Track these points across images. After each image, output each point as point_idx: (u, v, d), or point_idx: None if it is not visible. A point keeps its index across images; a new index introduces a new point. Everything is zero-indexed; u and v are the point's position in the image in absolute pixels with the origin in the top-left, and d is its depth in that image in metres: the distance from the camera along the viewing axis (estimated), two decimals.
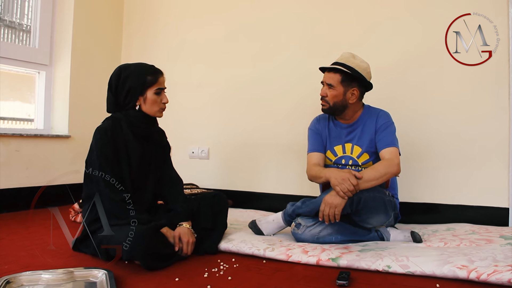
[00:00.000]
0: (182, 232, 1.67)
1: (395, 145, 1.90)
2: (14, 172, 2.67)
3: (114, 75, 1.74)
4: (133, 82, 1.69)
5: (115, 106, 1.74)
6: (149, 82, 1.71)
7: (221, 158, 3.06)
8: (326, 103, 1.98)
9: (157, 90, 1.73)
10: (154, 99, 1.72)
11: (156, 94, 1.72)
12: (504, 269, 1.34)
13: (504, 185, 2.25)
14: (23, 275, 1.32)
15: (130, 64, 1.77)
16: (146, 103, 1.72)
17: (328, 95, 1.95)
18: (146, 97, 1.72)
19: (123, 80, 1.70)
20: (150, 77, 1.71)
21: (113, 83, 1.73)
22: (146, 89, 1.71)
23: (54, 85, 3.09)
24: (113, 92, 1.73)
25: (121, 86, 1.70)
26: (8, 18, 2.87)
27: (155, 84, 1.72)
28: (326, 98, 1.96)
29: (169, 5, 3.31)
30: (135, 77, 1.70)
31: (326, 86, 1.96)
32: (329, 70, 1.97)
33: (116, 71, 1.74)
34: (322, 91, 1.98)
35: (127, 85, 1.69)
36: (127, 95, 1.70)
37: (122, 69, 1.74)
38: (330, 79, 1.95)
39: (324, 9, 2.74)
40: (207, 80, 3.11)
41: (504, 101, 2.26)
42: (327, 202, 1.71)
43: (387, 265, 1.49)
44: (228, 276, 1.44)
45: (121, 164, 1.68)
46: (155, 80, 1.72)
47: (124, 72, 1.72)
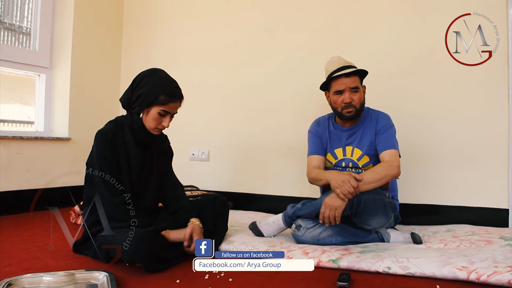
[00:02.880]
0: (195, 230, 1.68)
1: (395, 147, 1.90)
2: (14, 174, 2.67)
3: (142, 74, 1.72)
4: (146, 92, 1.67)
5: (127, 101, 1.73)
6: (160, 101, 1.67)
7: (221, 160, 3.07)
8: (353, 108, 1.93)
9: (162, 112, 1.69)
10: (156, 118, 1.69)
11: (159, 114, 1.69)
12: (504, 270, 1.35)
13: (504, 186, 2.25)
14: (24, 278, 1.32)
15: (161, 73, 1.73)
16: (147, 117, 1.70)
17: (354, 99, 1.92)
18: (149, 112, 1.69)
19: (143, 84, 1.68)
20: (164, 97, 1.67)
21: (137, 80, 1.71)
22: (153, 106, 1.68)
23: (54, 88, 3.09)
24: (132, 88, 1.71)
25: (139, 87, 1.69)
26: (8, 20, 2.88)
27: (164, 106, 1.68)
28: (353, 103, 1.93)
29: (170, 8, 3.32)
30: (151, 88, 1.67)
31: (348, 92, 1.92)
32: (350, 74, 1.93)
33: (146, 71, 1.72)
34: (346, 98, 1.91)
35: (141, 91, 1.67)
36: (137, 99, 1.69)
37: (151, 72, 1.72)
38: (354, 83, 1.93)
39: (322, 12, 2.74)
40: (208, 82, 3.12)
41: (504, 102, 2.27)
42: (327, 204, 1.72)
43: (387, 266, 1.50)
44: (229, 278, 1.44)
45: (121, 168, 1.68)
46: (165, 102, 1.68)
47: (149, 77, 1.69)
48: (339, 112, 1.98)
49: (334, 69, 1.95)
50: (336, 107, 1.98)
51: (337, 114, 2.01)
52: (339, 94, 1.94)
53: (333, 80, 1.95)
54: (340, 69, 1.93)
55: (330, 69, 1.97)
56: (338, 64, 1.96)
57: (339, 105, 1.96)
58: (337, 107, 1.97)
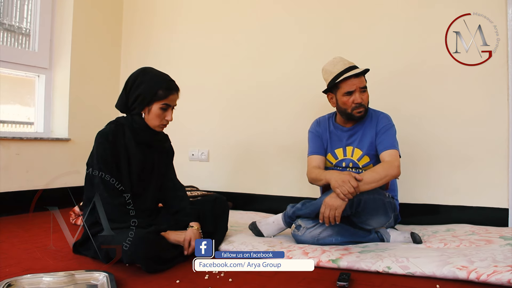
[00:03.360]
0: (193, 236, 1.68)
1: (396, 148, 1.90)
2: (14, 175, 2.67)
3: (133, 75, 1.72)
4: (144, 90, 1.67)
5: (123, 105, 1.73)
6: (159, 96, 1.68)
7: (221, 160, 3.07)
8: (363, 107, 1.93)
9: (164, 106, 1.70)
10: (158, 114, 1.70)
11: (161, 109, 1.70)
12: (504, 270, 1.35)
13: (504, 186, 2.26)
14: (24, 278, 1.32)
15: (152, 70, 1.74)
16: (149, 115, 1.70)
17: (363, 99, 1.92)
18: (151, 110, 1.69)
19: (138, 84, 1.68)
20: (162, 91, 1.68)
21: (129, 82, 1.71)
22: (154, 102, 1.68)
23: (54, 89, 3.09)
24: (126, 91, 1.71)
25: (134, 89, 1.69)
26: (7, 21, 2.88)
27: (164, 100, 1.69)
28: (363, 103, 1.93)
29: (169, 9, 3.32)
30: (148, 86, 1.67)
31: (358, 92, 1.90)
32: (359, 74, 1.92)
33: (136, 72, 1.73)
34: (357, 98, 1.90)
35: (138, 91, 1.67)
36: (135, 100, 1.69)
37: (142, 72, 1.72)
38: (363, 83, 1.93)
39: (322, 12, 2.74)
40: (208, 82, 3.12)
41: (504, 102, 2.27)
42: (327, 204, 1.72)
43: (387, 266, 1.50)
44: (229, 278, 1.44)
45: (121, 169, 1.68)
46: (165, 96, 1.68)
47: (141, 76, 1.70)
48: (348, 113, 1.95)
49: (340, 70, 1.93)
50: (346, 108, 1.95)
51: (346, 115, 1.97)
52: (349, 95, 1.92)
53: (342, 81, 1.92)
54: (348, 70, 1.92)
55: (335, 70, 1.94)
56: (343, 65, 1.94)
57: (349, 106, 1.93)
58: (347, 108, 1.94)
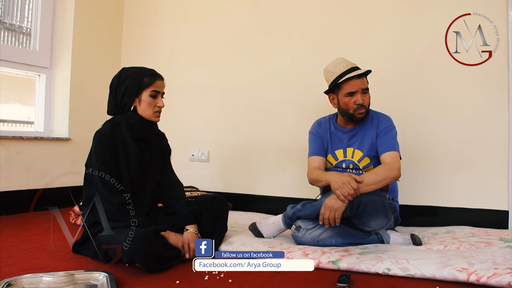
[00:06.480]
0: (191, 239, 1.68)
1: (396, 149, 1.90)
2: (14, 174, 2.67)
3: (115, 77, 1.77)
4: (130, 83, 1.72)
5: (114, 108, 1.77)
6: (145, 83, 1.73)
7: (221, 160, 3.06)
8: (364, 108, 1.93)
9: (153, 93, 1.73)
10: (149, 101, 1.73)
11: (151, 96, 1.73)
12: (504, 272, 1.35)
13: (504, 188, 2.25)
14: (24, 278, 1.32)
15: (132, 67, 1.80)
16: (141, 105, 1.74)
17: (365, 100, 1.92)
18: (141, 99, 1.73)
19: (122, 81, 1.73)
20: (147, 79, 1.73)
21: (114, 84, 1.76)
22: (142, 90, 1.73)
23: (55, 88, 3.09)
24: (113, 93, 1.76)
25: (120, 86, 1.73)
26: (8, 20, 2.88)
27: (151, 86, 1.73)
28: (365, 104, 1.93)
29: (170, 8, 3.32)
30: (132, 78, 1.73)
31: (360, 93, 1.90)
32: (361, 75, 1.92)
33: (118, 73, 1.78)
34: (359, 99, 1.90)
35: (124, 86, 1.72)
36: (124, 95, 1.72)
37: (123, 71, 1.77)
38: (365, 84, 1.94)
39: (323, 13, 2.74)
40: (208, 82, 3.12)
41: (504, 102, 2.27)
42: (328, 206, 1.71)
43: (387, 267, 1.50)
44: (228, 278, 1.44)
45: (120, 167, 1.69)
46: (151, 82, 1.74)
47: (124, 74, 1.75)
48: (350, 113, 1.95)
49: (342, 71, 1.92)
50: (347, 109, 1.94)
51: (347, 115, 1.97)
52: (351, 96, 1.92)
53: (344, 82, 1.92)
54: (350, 71, 1.92)
55: (338, 71, 1.94)
56: (346, 65, 1.94)
57: (351, 107, 1.93)
58: (349, 108, 1.94)
